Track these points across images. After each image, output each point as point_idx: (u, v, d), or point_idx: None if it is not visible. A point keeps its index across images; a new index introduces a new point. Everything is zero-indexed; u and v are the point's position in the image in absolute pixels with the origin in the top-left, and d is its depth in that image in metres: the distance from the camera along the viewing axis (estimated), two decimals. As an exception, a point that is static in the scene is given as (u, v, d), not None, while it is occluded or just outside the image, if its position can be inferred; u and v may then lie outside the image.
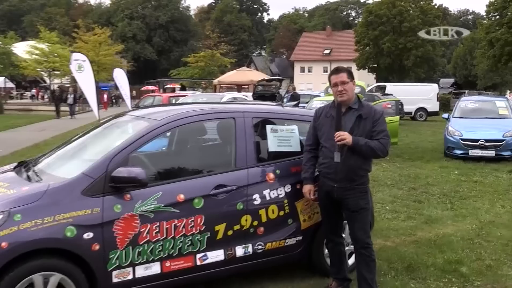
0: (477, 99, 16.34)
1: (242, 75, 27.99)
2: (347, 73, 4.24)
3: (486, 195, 8.82)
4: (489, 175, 10.76)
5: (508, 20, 32.84)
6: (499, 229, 6.67)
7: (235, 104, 5.40)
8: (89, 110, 26.56)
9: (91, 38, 43.12)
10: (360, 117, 4.15)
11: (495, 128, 12.91)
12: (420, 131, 21.42)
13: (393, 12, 44.78)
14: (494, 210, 7.75)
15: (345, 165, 4.11)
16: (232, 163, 4.31)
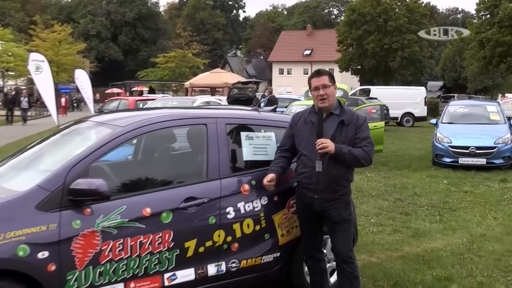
0: (467, 103, 16.58)
1: (216, 77, 27.98)
2: (328, 76, 4.27)
3: (477, 206, 8.95)
4: (480, 184, 10.93)
5: (500, 19, 33.47)
6: (491, 243, 6.76)
7: (207, 109, 5.39)
8: (48, 114, 26.23)
9: (50, 35, 42.60)
10: (342, 124, 4.18)
11: (486, 134, 13.11)
12: (407, 138, 21.69)
13: (377, 10, 45.37)
14: (485, 222, 7.87)
15: (326, 175, 4.13)
16: (203, 173, 4.29)
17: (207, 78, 28.35)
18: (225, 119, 4.57)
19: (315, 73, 4.33)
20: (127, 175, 4.45)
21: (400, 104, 28.54)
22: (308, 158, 4.19)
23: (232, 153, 4.47)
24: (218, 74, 28.48)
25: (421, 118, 29.24)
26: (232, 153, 4.47)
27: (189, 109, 5.64)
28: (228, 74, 30.32)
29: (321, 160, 4.09)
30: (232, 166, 4.44)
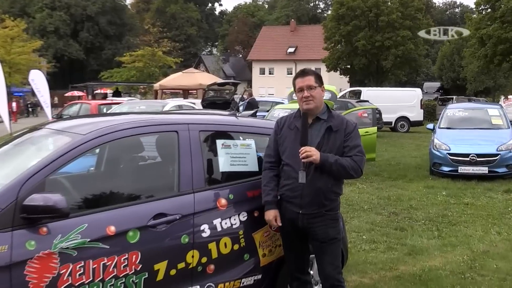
0: (466, 106, 16.80)
1: (189, 78, 27.89)
2: (315, 76, 4.29)
3: (478, 220, 9.04)
4: (482, 196, 11.06)
5: (502, 14, 33.87)
6: (494, 261, 6.83)
7: (179, 114, 5.37)
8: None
9: (1, 32, 42.23)
10: (329, 130, 4.20)
11: (488, 140, 13.26)
12: (402, 145, 21.89)
13: (368, 4, 45.73)
14: (488, 237, 7.95)
15: (311, 187, 4.14)
16: (175, 186, 4.27)
17: (179, 79, 28.25)
18: (199, 125, 4.56)
19: (300, 73, 4.36)
20: (88, 189, 4.41)
21: (394, 107, 28.87)
22: (292, 168, 4.20)
23: (207, 164, 4.46)
24: (191, 75, 28.40)
25: (417, 122, 29.59)
26: (207, 163, 4.45)
27: (159, 114, 5.61)
28: (202, 75, 30.24)
29: (304, 171, 4.10)
30: (207, 178, 4.43)
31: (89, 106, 20.14)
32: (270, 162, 4.41)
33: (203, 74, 31.97)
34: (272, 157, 4.40)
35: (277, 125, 4.46)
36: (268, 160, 4.43)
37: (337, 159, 4.12)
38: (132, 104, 18.42)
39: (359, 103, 24.16)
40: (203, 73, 35.35)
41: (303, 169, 4.10)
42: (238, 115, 5.29)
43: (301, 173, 4.11)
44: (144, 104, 18.21)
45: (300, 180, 4.11)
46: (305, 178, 4.10)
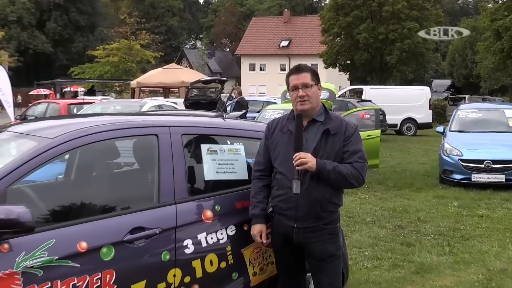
0: (480, 106, 16.83)
1: (170, 74, 27.85)
2: (311, 73, 4.31)
3: (495, 234, 9.07)
4: (499, 207, 11.10)
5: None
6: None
7: (159, 116, 5.36)
8: (-46, 123, 25.74)
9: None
10: (327, 133, 4.22)
11: (504, 145, 13.31)
12: (409, 150, 21.97)
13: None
14: (506, 254, 7.97)
15: (307, 197, 4.14)
16: (154, 197, 4.26)
17: (159, 75, 28.20)
18: (182, 128, 4.56)
19: (294, 69, 4.36)
20: (57, 199, 4.38)
21: (399, 108, 28.98)
22: (285, 177, 4.20)
23: (191, 171, 4.47)
24: (173, 71, 28.36)
25: (425, 125, 29.71)
26: (190, 171, 4.46)
27: (136, 115, 5.60)
28: (185, 71, 30.22)
29: (299, 179, 4.10)
30: (191, 187, 4.43)
31: (57, 106, 20.06)
32: (259, 170, 4.42)
33: (186, 70, 31.97)
34: (262, 165, 4.41)
35: (268, 128, 4.46)
36: (258, 168, 4.44)
37: (336, 166, 4.12)
38: (106, 104, 18.40)
39: (360, 103, 24.27)
40: (186, 69, 35.34)
41: (297, 178, 4.09)
42: (226, 117, 5.29)
43: (295, 182, 4.10)
44: (119, 104, 18.19)
45: (294, 190, 4.10)
46: (299, 187, 4.09)
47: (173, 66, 30.83)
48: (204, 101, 18.36)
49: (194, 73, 31.14)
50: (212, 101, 18.36)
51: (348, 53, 47.80)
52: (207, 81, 20.35)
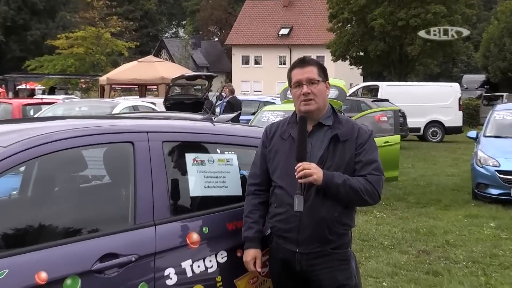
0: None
1: (147, 69, 27.84)
2: (317, 67, 4.32)
3: (539, 261, 9.06)
4: (544, 228, 11.08)
5: None
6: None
7: (134, 119, 5.36)
8: None
9: None
10: (336, 140, 4.22)
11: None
12: (434, 159, 21.99)
13: (388, -31, 45.99)
14: (552, 285, 7.97)
15: (312, 216, 4.14)
16: (129, 216, 4.26)
17: (134, 70, 28.19)
18: (162, 134, 4.57)
19: (298, 62, 4.38)
20: (10, 221, 4.32)
21: (423, 108, 28.98)
22: (285, 192, 4.21)
23: (173, 186, 4.47)
24: (150, 65, 28.37)
25: (454, 129, 29.69)
26: (173, 185, 4.46)
27: (107, 118, 5.61)
28: (165, 65, 30.24)
29: (302, 195, 4.09)
30: (173, 205, 4.44)
31: (10, 107, 19.95)
32: (255, 184, 4.44)
33: (166, 64, 31.97)
34: (258, 178, 4.42)
35: (265, 134, 4.47)
36: (253, 181, 4.45)
37: (346, 179, 4.12)
38: (70, 105, 18.35)
39: (376, 103, 24.32)
40: (166, 62, 35.33)
41: (300, 193, 4.08)
42: (215, 120, 5.31)
43: (297, 198, 4.08)
44: (86, 105, 18.13)
45: (296, 208, 4.08)
46: (302, 204, 4.08)
47: (150, 59, 30.86)
48: (189, 101, 18.41)
49: (176, 67, 31.15)
50: (198, 101, 18.41)
51: (360, 43, 47.82)
52: (191, 77, 20.37)
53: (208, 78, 19.73)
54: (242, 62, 74.05)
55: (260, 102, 23.70)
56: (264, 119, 12.80)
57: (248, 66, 73.34)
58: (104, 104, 17.53)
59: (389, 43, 46.93)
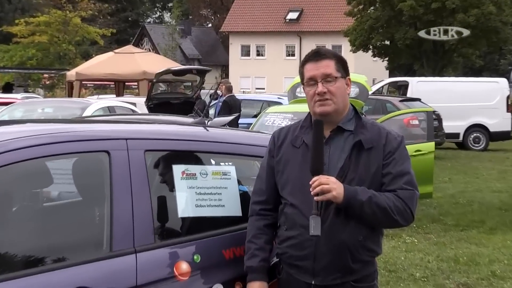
0: None
1: (125, 62, 27.88)
2: (336, 60, 4.30)
3: None
4: None
5: None
6: None
7: (111, 123, 5.36)
8: None
9: None
10: (359, 147, 4.21)
11: None
12: (477, 171, 21.98)
13: None
14: None
15: (331, 241, 4.14)
16: (104, 242, 4.27)
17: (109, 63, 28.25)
18: (145, 141, 4.58)
19: (312, 55, 4.35)
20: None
21: (463, 109, 28.97)
22: (298, 212, 4.19)
23: (158, 205, 4.48)
24: (129, 57, 28.41)
25: (501, 134, 29.62)
26: (157, 204, 4.48)
27: (77, 123, 5.60)
28: (148, 57, 30.29)
29: (319, 215, 4.07)
30: (158, 228, 4.45)
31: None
32: (260, 202, 4.42)
33: (148, 55, 32.07)
34: (264, 194, 4.41)
35: (273, 141, 4.45)
36: (258, 199, 4.44)
37: (372, 195, 4.11)
38: (31, 106, 18.38)
39: (404, 103, 24.29)
40: (149, 53, 35.49)
41: (316, 213, 4.06)
42: (208, 124, 5.31)
43: (313, 219, 4.06)
44: (51, 106, 18.15)
45: (312, 231, 4.06)
46: (320, 227, 4.06)
47: (129, 50, 30.87)
48: (176, 101, 18.43)
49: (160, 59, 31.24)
50: (188, 102, 18.42)
51: (386, 30, 47.90)
52: (179, 71, 20.38)
53: (200, 73, 19.73)
54: (242, 53, 74.22)
55: (264, 102, 23.75)
56: (268, 123, 12.79)
57: (248, 58, 73.48)
58: (73, 104, 17.54)
59: (421, 30, 46.94)
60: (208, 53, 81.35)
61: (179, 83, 21.58)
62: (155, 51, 62.37)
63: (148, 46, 71.31)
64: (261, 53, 73.43)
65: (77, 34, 48.06)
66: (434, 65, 47.13)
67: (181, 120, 5.61)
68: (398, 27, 46.98)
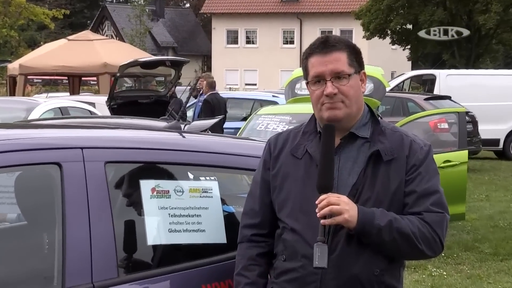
0: None
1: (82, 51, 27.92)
2: (348, 51, 4.27)
3: None
4: None
5: None
6: None
7: (63, 128, 5.35)
8: None
9: None
10: (377, 159, 4.20)
11: None
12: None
13: None
14: None
15: (341, 275, 4.14)
16: (55, 276, 4.28)
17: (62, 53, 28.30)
18: (105, 150, 4.60)
19: (318, 44, 4.31)
20: None
21: (503, 110, 29.01)
22: (300, 238, 4.19)
23: (123, 230, 4.49)
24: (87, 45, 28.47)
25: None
26: (121, 229, 4.49)
27: (20, 128, 5.60)
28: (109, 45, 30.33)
29: (326, 243, 4.07)
30: (123, 259, 4.46)
31: None
32: (252, 226, 4.41)
33: (110, 43, 32.12)
34: (258, 216, 4.39)
35: (268, 149, 4.44)
36: (250, 222, 4.42)
37: (393, 219, 4.10)
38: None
39: (431, 101, 24.34)
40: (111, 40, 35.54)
41: (322, 240, 4.05)
42: (185, 128, 5.30)
43: (318, 247, 4.03)
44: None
45: (316, 263, 4.04)
46: (326, 257, 4.04)
47: (86, 36, 30.93)
48: (146, 100, 18.43)
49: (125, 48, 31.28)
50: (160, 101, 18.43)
51: (407, 11, 48.09)
52: (150, 63, 20.41)
53: (175, 65, 19.74)
54: (227, 40, 74.45)
55: (255, 101, 23.78)
56: (261, 127, 12.78)
57: (236, 46, 73.67)
58: (16, 105, 17.56)
59: (451, 10, 47.21)
60: (186, 40, 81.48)
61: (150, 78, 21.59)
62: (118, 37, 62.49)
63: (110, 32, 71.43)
64: (252, 40, 73.63)
65: (21, 17, 48.13)
66: (467, 55, 47.35)
67: (151, 124, 5.60)
68: (422, 7, 47.21)
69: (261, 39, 72.12)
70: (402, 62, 55.75)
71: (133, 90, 19.32)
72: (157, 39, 77.88)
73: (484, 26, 46.42)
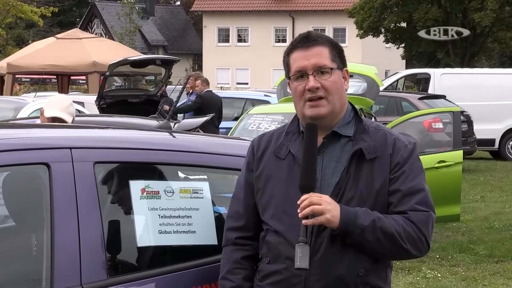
0: None
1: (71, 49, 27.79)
2: (329, 46, 4.30)
3: None
4: None
5: None
6: None
7: (52, 128, 5.37)
8: None
9: None
10: (360, 158, 4.21)
11: None
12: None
13: None
14: None
15: (324, 276, 4.14)
16: (43, 278, 4.29)
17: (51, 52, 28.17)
18: (94, 150, 4.60)
19: (299, 40, 4.34)
20: None
21: (499, 109, 28.96)
22: (283, 240, 4.20)
23: (112, 231, 4.50)
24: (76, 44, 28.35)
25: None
26: (111, 230, 4.49)
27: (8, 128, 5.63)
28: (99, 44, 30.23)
29: (308, 244, 4.07)
30: (112, 260, 4.47)
31: None
32: (237, 229, 4.41)
33: (100, 42, 31.99)
34: (242, 219, 4.40)
35: (251, 151, 4.45)
36: (234, 225, 4.43)
37: (376, 219, 4.10)
38: None
39: (425, 101, 24.32)
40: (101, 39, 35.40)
41: (304, 241, 4.05)
42: (176, 127, 5.34)
43: (300, 248, 4.03)
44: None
45: (297, 264, 4.03)
46: (308, 258, 4.04)
47: (75, 35, 30.79)
48: (136, 99, 18.40)
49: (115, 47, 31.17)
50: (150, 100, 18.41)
51: (402, 9, 47.97)
52: (140, 62, 20.37)
53: (165, 64, 19.71)
54: (219, 38, 74.18)
55: (246, 101, 23.70)
56: (253, 127, 12.74)
57: (227, 44, 73.43)
58: (4, 104, 17.49)
59: (446, 8, 47.08)
60: (176, 38, 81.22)
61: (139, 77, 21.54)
62: (108, 36, 62.17)
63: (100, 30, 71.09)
64: (244, 39, 73.38)
65: (9, 14, 47.88)
66: (462, 53, 47.24)
67: (141, 123, 5.64)
68: (416, 5, 47.07)
69: (253, 37, 71.86)
70: (396, 61, 55.58)
71: (123, 89, 19.29)
72: (147, 37, 77.60)
73: (480, 24, 46.22)
